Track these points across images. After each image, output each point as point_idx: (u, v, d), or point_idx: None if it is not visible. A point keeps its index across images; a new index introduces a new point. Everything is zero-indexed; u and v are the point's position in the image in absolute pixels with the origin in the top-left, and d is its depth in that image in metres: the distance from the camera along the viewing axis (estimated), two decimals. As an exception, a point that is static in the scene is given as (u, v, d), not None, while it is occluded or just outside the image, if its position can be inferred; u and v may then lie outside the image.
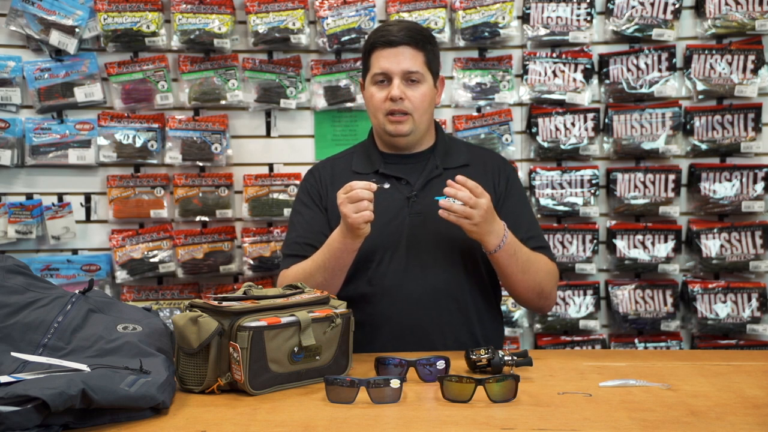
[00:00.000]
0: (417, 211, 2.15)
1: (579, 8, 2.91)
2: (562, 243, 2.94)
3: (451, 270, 2.13)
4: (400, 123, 2.14)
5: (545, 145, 2.93)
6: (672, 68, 2.90)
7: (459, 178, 1.94)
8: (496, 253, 2.02)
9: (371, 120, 2.23)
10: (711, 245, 2.90)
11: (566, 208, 2.93)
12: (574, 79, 2.93)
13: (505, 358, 1.75)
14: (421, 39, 2.14)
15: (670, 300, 2.94)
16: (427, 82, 2.15)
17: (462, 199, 1.92)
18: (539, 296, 2.14)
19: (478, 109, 2.95)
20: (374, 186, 1.94)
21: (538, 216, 2.93)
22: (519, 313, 2.96)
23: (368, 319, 2.11)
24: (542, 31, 2.91)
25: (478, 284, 2.15)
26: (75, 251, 2.92)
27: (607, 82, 2.93)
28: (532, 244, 2.15)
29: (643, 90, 2.91)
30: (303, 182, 2.32)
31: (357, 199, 1.93)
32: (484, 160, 2.27)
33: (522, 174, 2.95)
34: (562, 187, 2.93)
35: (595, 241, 2.93)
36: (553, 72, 2.93)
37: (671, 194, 2.91)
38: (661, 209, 2.91)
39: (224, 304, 1.63)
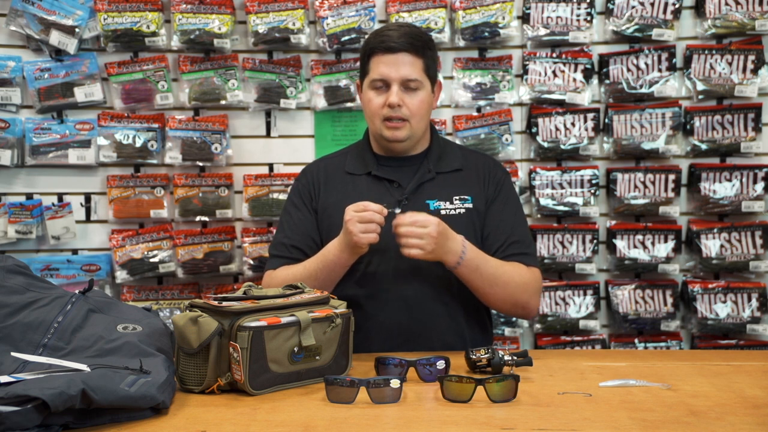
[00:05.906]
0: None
1: (579, 8, 2.91)
2: (562, 243, 2.93)
3: (440, 273, 2.12)
4: (398, 129, 2.15)
5: (545, 145, 2.93)
6: (672, 68, 2.90)
7: (395, 221, 1.98)
8: (458, 269, 2.05)
9: (368, 123, 2.25)
10: (711, 245, 2.90)
11: (566, 208, 2.93)
12: (574, 79, 2.93)
13: (505, 358, 1.75)
14: (421, 45, 2.15)
15: (670, 300, 2.94)
16: (425, 89, 2.16)
17: (411, 233, 1.96)
18: (514, 307, 2.16)
19: (478, 109, 2.95)
20: (386, 211, 1.98)
21: (538, 216, 2.93)
22: (519, 313, 2.96)
23: (357, 321, 2.11)
24: (542, 31, 2.91)
25: (467, 288, 2.15)
26: (75, 251, 2.92)
27: (607, 82, 2.93)
28: (513, 249, 2.17)
29: (643, 90, 2.91)
30: (295, 182, 2.33)
31: (367, 221, 1.96)
32: (477, 164, 2.28)
33: (522, 174, 2.95)
34: (562, 187, 2.93)
35: (595, 241, 2.93)
36: (553, 72, 2.93)
37: (671, 194, 2.91)
38: (661, 209, 2.91)
39: (224, 304, 1.64)
